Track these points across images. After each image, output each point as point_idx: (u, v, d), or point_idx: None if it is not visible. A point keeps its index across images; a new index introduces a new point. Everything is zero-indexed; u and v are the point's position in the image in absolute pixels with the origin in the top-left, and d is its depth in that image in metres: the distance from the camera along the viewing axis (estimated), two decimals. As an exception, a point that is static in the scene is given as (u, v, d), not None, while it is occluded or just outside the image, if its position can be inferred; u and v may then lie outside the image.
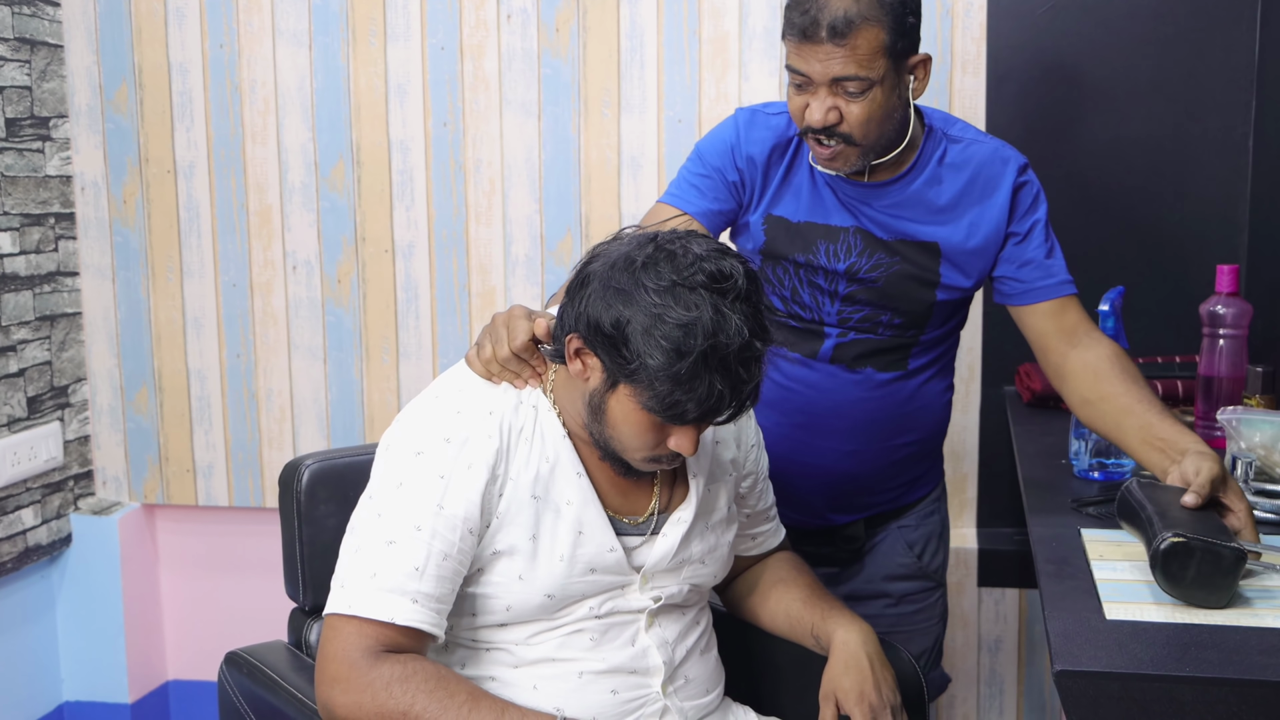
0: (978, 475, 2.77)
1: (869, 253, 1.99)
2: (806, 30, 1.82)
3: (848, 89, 1.84)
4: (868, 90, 1.85)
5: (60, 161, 2.94)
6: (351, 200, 2.88)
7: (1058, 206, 2.66)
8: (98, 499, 3.09)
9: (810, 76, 1.85)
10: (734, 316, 1.43)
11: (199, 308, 2.98)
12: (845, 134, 1.88)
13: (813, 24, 1.81)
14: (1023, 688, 2.79)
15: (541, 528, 1.58)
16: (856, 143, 1.89)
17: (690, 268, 1.44)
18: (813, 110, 1.86)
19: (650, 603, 1.65)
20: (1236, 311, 2.11)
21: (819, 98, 1.86)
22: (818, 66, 1.83)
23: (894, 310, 2.01)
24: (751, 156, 2.02)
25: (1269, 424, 1.84)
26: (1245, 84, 2.59)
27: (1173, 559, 1.38)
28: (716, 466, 1.73)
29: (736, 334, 1.42)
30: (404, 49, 2.82)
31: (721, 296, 1.43)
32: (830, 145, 1.89)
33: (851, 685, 1.66)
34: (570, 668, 1.60)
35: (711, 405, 1.46)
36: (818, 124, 1.86)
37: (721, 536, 1.73)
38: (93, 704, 3.06)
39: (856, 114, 1.86)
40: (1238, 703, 1.21)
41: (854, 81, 1.83)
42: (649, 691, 1.64)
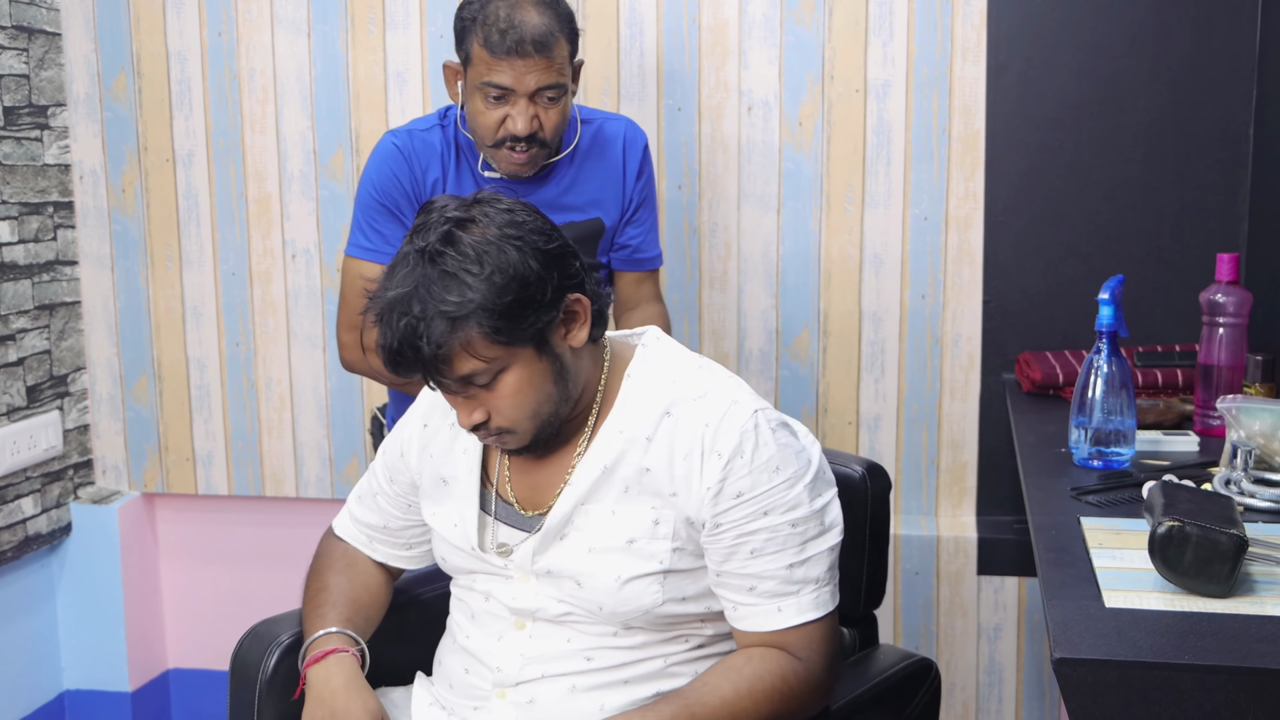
0: (977, 464, 2.77)
1: None
2: (513, 47, 2.03)
3: (548, 96, 2.08)
4: (562, 96, 2.10)
5: (59, 150, 2.94)
6: (351, 189, 2.88)
7: (1056, 194, 2.67)
8: (97, 488, 3.09)
9: (514, 88, 2.06)
10: (401, 270, 1.45)
11: (198, 297, 2.98)
12: (541, 139, 2.11)
13: (519, 41, 2.03)
14: (1022, 676, 2.80)
15: (447, 494, 1.68)
16: (548, 144, 2.13)
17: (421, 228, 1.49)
18: (515, 120, 2.07)
19: (521, 604, 1.62)
20: (1236, 300, 2.11)
21: (519, 108, 2.07)
22: (523, 79, 2.05)
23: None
24: (425, 178, 2.20)
25: (1268, 412, 1.84)
26: (1246, 72, 2.58)
27: (1170, 544, 1.38)
28: (631, 493, 1.55)
29: (398, 285, 1.44)
30: (403, 37, 2.81)
31: (418, 252, 1.46)
32: (527, 151, 2.10)
33: None
34: (454, 631, 1.71)
35: (391, 355, 1.46)
36: (522, 132, 2.08)
37: (617, 567, 1.54)
38: (93, 692, 3.06)
39: (553, 119, 2.10)
40: (1236, 690, 1.21)
41: (553, 89, 2.08)
42: (488, 689, 1.63)
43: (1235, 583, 1.38)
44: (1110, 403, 1.92)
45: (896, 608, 2.79)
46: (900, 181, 2.69)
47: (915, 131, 2.68)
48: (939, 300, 2.72)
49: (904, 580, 2.78)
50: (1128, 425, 1.93)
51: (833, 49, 2.68)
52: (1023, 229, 2.69)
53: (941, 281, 2.71)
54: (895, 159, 2.69)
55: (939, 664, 2.78)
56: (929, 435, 2.77)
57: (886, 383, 2.76)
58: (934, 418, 2.76)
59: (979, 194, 2.68)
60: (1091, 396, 1.93)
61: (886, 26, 2.66)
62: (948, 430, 2.77)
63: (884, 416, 2.77)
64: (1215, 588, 1.37)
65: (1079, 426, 1.95)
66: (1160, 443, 2.06)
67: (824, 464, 1.61)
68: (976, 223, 2.69)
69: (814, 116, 2.70)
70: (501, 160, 2.14)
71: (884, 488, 1.93)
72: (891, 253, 2.71)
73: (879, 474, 1.92)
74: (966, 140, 2.67)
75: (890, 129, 2.69)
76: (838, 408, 2.78)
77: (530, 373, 1.49)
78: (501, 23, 2.04)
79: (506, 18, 2.04)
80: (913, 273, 2.72)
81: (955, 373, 2.75)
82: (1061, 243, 2.68)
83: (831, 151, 2.70)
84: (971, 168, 2.67)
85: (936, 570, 2.77)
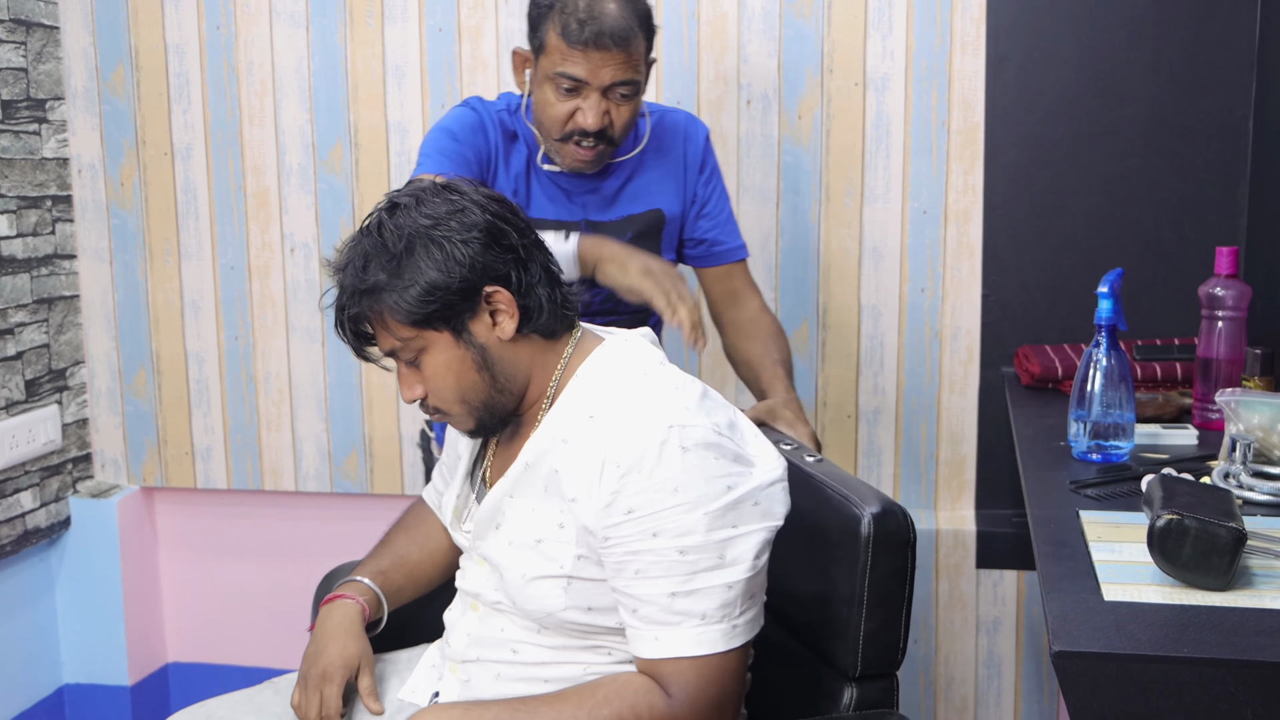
0: (976, 457, 2.77)
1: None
2: (593, 38, 1.96)
3: (621, 92, 2.01)
4: (636, 94, 2.04)
5: (57, 144, 2.93)
6: (350, 182, 2.87)
7: (1056, 188, 2.66)
8: (96, 482, 3.09)
9: (589, 81, 1.98)
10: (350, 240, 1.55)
11: (197, 290, 2.98)
12: (610, 136, 2.03)
13: (599, 33, 1.96)
14: (1021, 669, 2.80)
15: (454, 471, 1.76)
16: (616, 143, 2.06)
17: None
18: (586, 114, 2.00)
19: (467, 584, 1.66)
20: (1235, 293, 2.11)
21: (591, 102, 2.00)
22: (601, 72, 1.98)
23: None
24: (495, 142, 2.14)
25: (1267, 406, 1.84)
26: (1245, 65, 2.58)
27: (1168, 537, 1.38)
28: (548, 493, 1.53)
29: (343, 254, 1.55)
30: (401, 30, 2.81)
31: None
32: (593, 148, 2.03)
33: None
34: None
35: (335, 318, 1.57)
36: (593, 127, 2.00)
37: (525, 565, 1.54)
38: (93, 686, 3.07)
39: (624, 116, 2.04)
40: (1235, 683, 1.21)
41: (628, 85, 2.01)
42: (445, 661, 1.70)
43: (1234, 576, 1.38)
44: (1109, 396, 1.92)
45: (895, 601, 2.79)
46: (899, 175, 2.69)
47: (914, 125, 2.68)
48: (938, 294, 2.72)
49: (903, 574, 2.78)
50: (1127, 419, 1.93)
51: (832, 42, 2.68)
52: (1022, 222, 2.69)
53: (941, 275, 2.71)
54: (894, 152, 2.69)
55: (937, 657, 2.80)
56: (928, 429, 2.77)
57: (885, 376, 2.76)
58: (933, 411, 2.76)
59: (978, 187, 2.68)
60: (1090, 390, 1.93)
61: (886, 20, 2.66)
62: (947, 424, 2.77)
63: (883, 410, 2.77)
64: (1214, 581, 1.37)
65: (1078, 420, 1.95)
66: (1159, 436, 2.06)
67: (762, 496, 1.47)
68: (976, 216, 2.69)
69: (813, 110, 2.70)
70: (566, 155, 2.06)
71: (897, 535, 1.61)
72: (890, 246, 2.71)
73: (891, 519, 1.60)
74: (966, 134, 2.67)
75: (889, 122, 2.68)
76: (837, 401, 2.78)
77: (449, 358, 1.53)
78: (581, 12, 1.96)
79: (587, 8, 1.96)
80: (912, 266, 2.72)
81: (954, 366, 2.74)
82: (1061, 236, 2.68)
83: (831, 145, 2.70)
84: (970, 161, 2.67)
85: (935, 563, 2.77)
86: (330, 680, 1.67)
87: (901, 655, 1.66)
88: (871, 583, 1.59)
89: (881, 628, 1.62)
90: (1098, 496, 1.75)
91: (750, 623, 1.48)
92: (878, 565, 1.59)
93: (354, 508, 3.03)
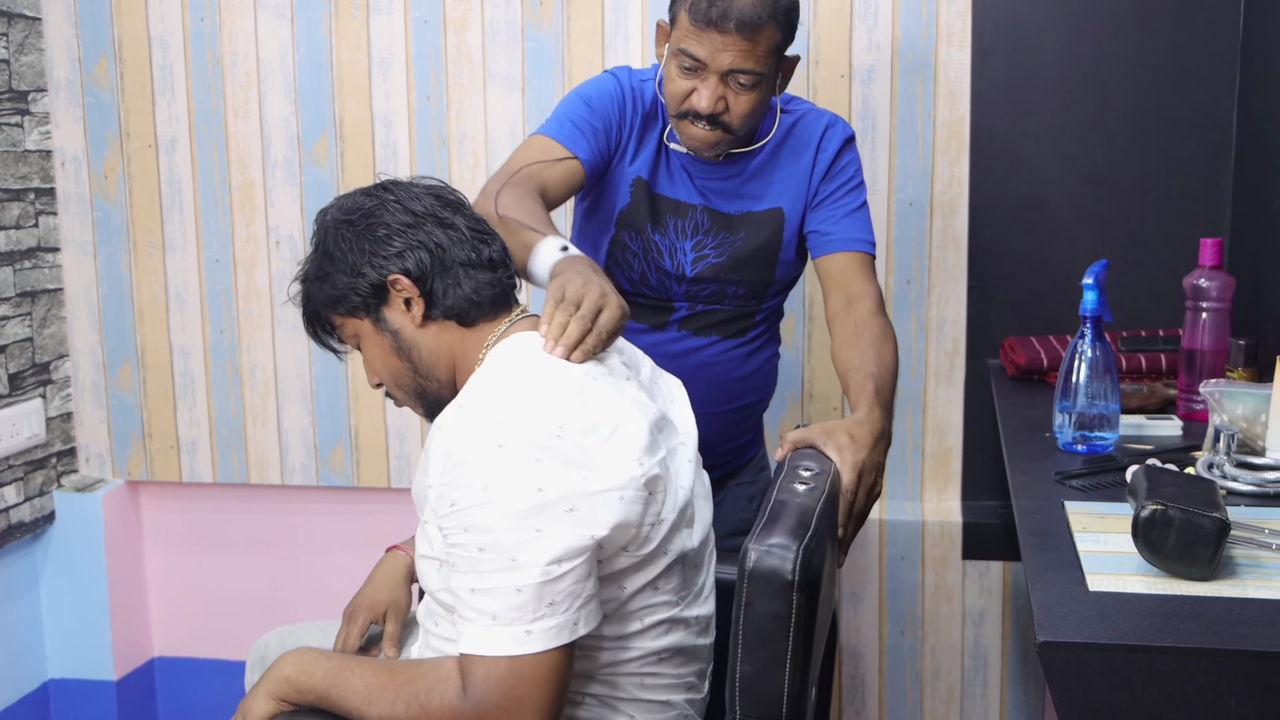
0: (962, 449, 2.77)
1: (714, 231, 2.12)
2: (715, 19, 1.91)
3: (740, 81, 1.96)
4: (757, 85, 1.97)
5: (40, 136, 2.92)
6: (335, 175, 2.87)
7: (1041, 180, 2.67)
8: (81, 476, 3.08)
9: (706, 63, 1.94)
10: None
11: (182, 283, 2.97)
12: (726, 123, 1.99)
13: (723, 15, 1.91)
14: (1006, 659, 2.81)
15: None
16: (733, 132, 2.01)
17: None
18: (700, 96, 1.97)
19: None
20: (1219, 285, 2.11)
21: (708, 84, 1.96)
22: (720, 56, 1.93)
23: (738, 282, 2.15)
24: (633, 115, 2.11)
25: (1251, 397, 1.85)
26: (1229, 57, 2.59)
27: (1152, 527, 1.38)
28: (429, 476, 1.54)
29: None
30: (386, 22, 2.80)
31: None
32: (709, 130, 2.00)
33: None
34: None
35: None
36: (705, 110, 1.97)
37: (420, 544, 1.60)
38: (78, 681, 3.06)
39: (742, 106, 1.98)
40: (1219, 672, 1.22)
41: (748, 75, 1.95)
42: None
43: (1218, 566, 1.38)
44: (1094, 387, 1.93)
45: (882, 592, 2.80)
46: (885, 167, 2.69)
47: (900, 117, 2.68)
48: (924, 285, 2.72)
49: (889, 565, 2.79)
50: (1112, 410, 1.94)
51: (818, 34, 2.68)
52: (1007, 214, 2.69)
53: (926, 267, 2.71)
54: (880, 144, 2.69)
55: (924, 648, 2.80)
56: (914, 420, 2.77)
57: (871, 368, 2.76)
58: (919, 403, 2.77)
59: (964, 179, 2.68)
60: (1076, 381, 1.93)
61: (872, 12, 2.66)
62: (933, 415, 2.77)
63: (869, 402, 2.77)
64: (1198, 571, 1.38)
65: (1063, 411, 1.96)
66: (1144, 427, 2.07)
67: (582, 503, 1.42)
68: (961, 208, 2.69)
69: (799, 102, 2.70)
70: (684, 134, 2.04)
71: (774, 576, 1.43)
72: (876, 238, 2.70)
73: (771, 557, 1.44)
74: (951, 125, 2.67)
75: (875, 114, 2.69)
76: (823, 393, 2.79)
77: (373, 344, 1.65)
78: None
79: None
80: (898, 258, 2.72)
81: (940, 358, 2.75)
82: (1046, 228, 2.69)
83: (816, 137, 2.70)
84: (956, 153, 2.67)
85: (921, 555, 2.78)
86: (354, 620, 1.85)
87: (792, 712, 1.48)
88: (748, 622, 1.46)
89: (761, 672, 1.47)
90: (1083, 487, 1.75)
91: (552, 631, 1.41)
92: (754, 604, 1.45)
93: (340, 501, 3.03)
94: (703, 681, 1.69)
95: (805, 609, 1.44)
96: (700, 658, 1.67)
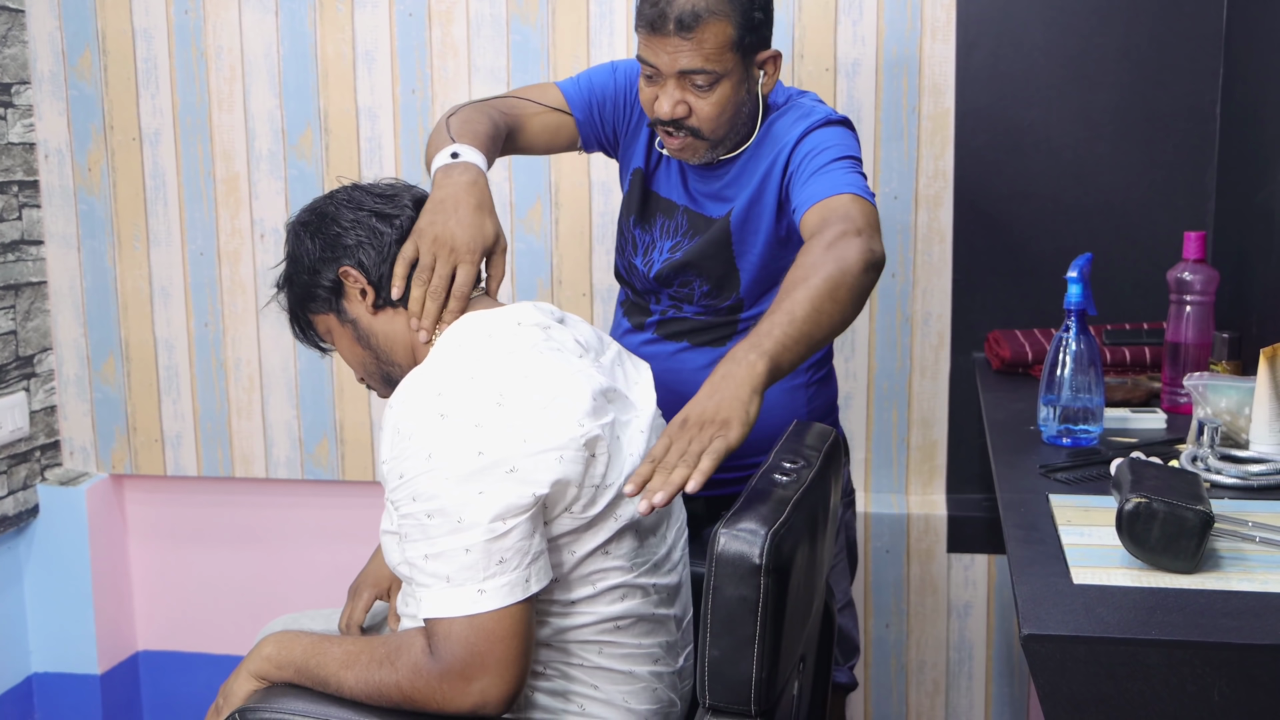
0: (947, 442, 2.78)
1: (690, 234, 2.06)
2: (654, 22, 1.86)
3: (695, 82, 1.89)
4: (715, 84, 1.89)
5: (23, 128, 2.91)
6: (319, 168, 2.86)
7: (1025, 173, 2.68)
8: (65, 469, 3.07)
9: (659, 68, 1.89)
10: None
11: (166, 276, 2.96)
12: (693, 127, 1.93)
13: (660, 16, 1.85)
14: (991, 652, 2.82)
15: None
16: (705, 137, 1.94)
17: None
18: (661, 102, 1.91)
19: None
20: (1203, 278, 2.12)
21: (667, 90, 1.91)
22: (665, 59, 1.88)
23: (701, 277, 2.05)
24: (631, 115, 2.09)
25: (1235, 390, 1.86)
26: (1213, 51, 2.60)
27: (1136, 520, 1.39)
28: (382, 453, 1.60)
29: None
30: (371, 15, 2.79)
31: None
32: (679, 137, 1.94)
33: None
34: None
35: None
36: (666, 116, 1.91)
37: (389, 548, 1.63)
38: (62, 675, 3.05)
39: (704, 108, 1.90)
40: (1202, 665, 1.22)
41: (701, 75, 1.87)
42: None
43: (1201, 559, 1.39)
44: (1079, 380, 1.93)
45: (867, 585, 2.80)
46: (870, 160, 2.69)
47: (885, 110, 2.68)
48: (909, 279, 2.73)
49: (874, 558, 2.79)
50: (1096, 403, 1.94)
51: (803, 28, 2.68)
52: (992, 208, 2.70)
53: (911, 260, 2.72)
54: (865, 138, 2.69)
55: (909, 641, 2.81)
56: (899, 413, 2.78)
57: (857, 361, 2.77)
58: (904, 396, 2.77)
59: (948, 173, 2.68)
60: (1060, 374, 1.94)
61: (856, 5, 2.66)
62: (918, 408, 2.78)
63: (854, 395, 2.78)
64: (1182, 564, 1.38)
65: (1048, 404, 1.96)
66: (1128, 420, 2.07)
67: (523, 463, 1.46)
68: (946, 201, 2.69)
69: (784, 95, 2.70)
70: (664, 142, 1.99)
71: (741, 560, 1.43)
72: (862, 232, 2.71)
73: (739, 540, 1.44)
74: (936, 119, 2.67)
75: (860, 108, 2.69)
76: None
77: (340, 336, 1.74)
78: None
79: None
80: (883, 252, 2.72)
81: (925, 351, 2.75)
82: (1030, 221, 2.69)
83: (802, 130, 2.70)
84: (941, 146, 2.68)
85: (906, 548, 2.79)
86: (358, 596, 1.91)
87: (761, 698, 1.47)
88: (715, 605, 1.46)
89: (729, 657, 1.47)
90: (1067, 480, 1.76)
91: (505, 588, 1.46)
92: (721, 588, 1.45)
93: (325, 495, 3.02)
94: (673, 655, 1.70)
95: (774, 594, 1.45)
96: (666, 629, 1.68)
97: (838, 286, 1.62)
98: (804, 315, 1.58)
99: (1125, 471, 1.50)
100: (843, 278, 1.63)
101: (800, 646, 1.67)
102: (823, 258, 1.65)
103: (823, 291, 1.61)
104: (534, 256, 2.82)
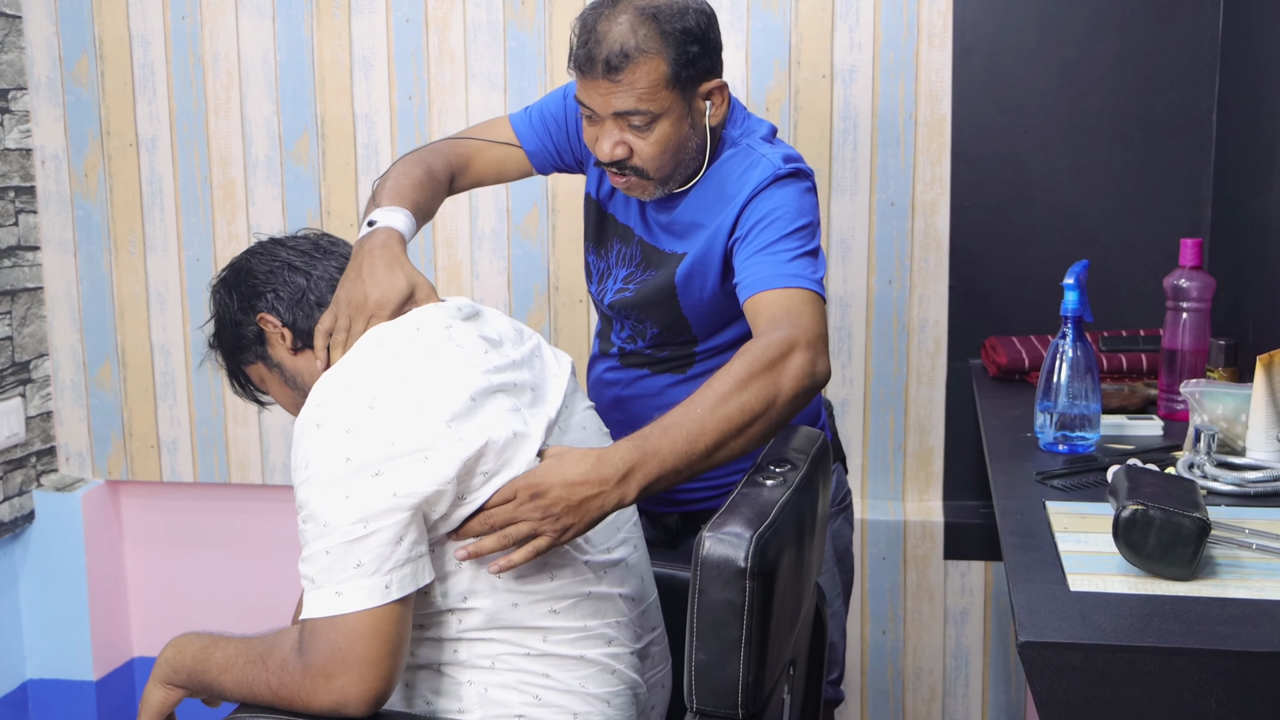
0: (943, 449, 2.78)
1: (643, 266, 2.01)
2: (583, 65, 1.82)
3: (633, 123, 1.83)
4: (653, 123, 1.83)
5: (20, 134, 2.91)
6: (316, 174, 2.86)
7: (1022, 180, 2.68)
8: (61, 475, 3.06)
9: (595, 110, 1.85)
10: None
11: (162, 282, 2.96)
12: (636, 167, 1.87)
13: (589, 59, 1.81)
14: (988, 659, 2.82)
15: None
16: (650, 176, 1.88)
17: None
18: (601, 144, 1.87)
19: None
20: (1200, 285, 2.12)
21: (606, 131, 1.86)
22: (599, 100, 1.84)
23: (651, 320, 2.01)
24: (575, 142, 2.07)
25: (1231, 396, 1.86)
26: (1209, 58, 2.60)
27: (1133, 527, 1.39)
28: None
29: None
30: (368, 21, 2.79)
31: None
32: (625, 176, 1.89)
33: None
34: None
35: None
36: (604, 158, 1.87)
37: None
38: (57, 681, 3.04)
39: (645, 148, 1.85)
40: (1199, 672, 1.22)
41: (637, 115, 1.82)
42: None
43: (1198, 566, 1.39)
44: (1075, 387, 1.93)
45: (864, 592, 2.80)
46: (867, 167, 2.70)
47: (882, 117, 2.69)
48: (905, 285, 2.73)
49: (871, 564, 2.79)
50: (1092, 410, 1.94)
51: (799, 34, 2.68)
52: (988, 214, 2.70)
53: (908, 267, 2.72)
54: (862, 144, 2.69)
55: (905, 648, 2.81)
56: (895, 420, 2.78)
57: (854, 368, 2.77)
58: (900, 403, 2.77)
59: (945, 179, 2.69)
60: (1057, 381, 1.94)
61: (853, 12, 2.66)
62: (914, 415, 2.78)
63: (851, 401, 2.78)
64: (1178, 571, 1.38)
65: (1044, 411, 1.96)
66: (1125, 427, 2.08)
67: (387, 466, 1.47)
68: (943, 208, 2.70)
69: (780, 101, 2.70)
70: (610, 180, 1.94)
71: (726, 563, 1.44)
72: (858, 238, 2.72)
73: (723, 544, 1.45)
74: (933, 126, 2.68)
75: (857, 114, 2.69)
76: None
77: (270, 381, 1.77)
78: (584, 33, 1.82)
79: (590, 28, 1.81)
80: (879, 258, 2.72)
81: (922, 358, 2.76)
82: (1027, 228, 2.70)
83: (799, 137, 2.70)
84: (938, 153, 2.68)
85: (903, 554, 2.79)
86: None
87: (748, 702, 1.48)
88: (701, 609, 1.47)
89: (715, 662, 1.47)
90: (1064, 487, 1.76)
91: (363, 592, 1.46)
92: (707, 591, 1.46)
93: (322, 501, 3.02)
94: (630, 636, 1.68)
95: (760, 598, 1.45)
96: (614, 607, 1.66)
97: (755, 419, 1.62)
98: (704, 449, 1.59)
99: (1122, 478, 1.50)
100: (766, 410, 1.63)
101: (789, 650, 1.67)
102: (758, 381, 1.63)
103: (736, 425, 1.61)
104: (530, 262, 2.82)
